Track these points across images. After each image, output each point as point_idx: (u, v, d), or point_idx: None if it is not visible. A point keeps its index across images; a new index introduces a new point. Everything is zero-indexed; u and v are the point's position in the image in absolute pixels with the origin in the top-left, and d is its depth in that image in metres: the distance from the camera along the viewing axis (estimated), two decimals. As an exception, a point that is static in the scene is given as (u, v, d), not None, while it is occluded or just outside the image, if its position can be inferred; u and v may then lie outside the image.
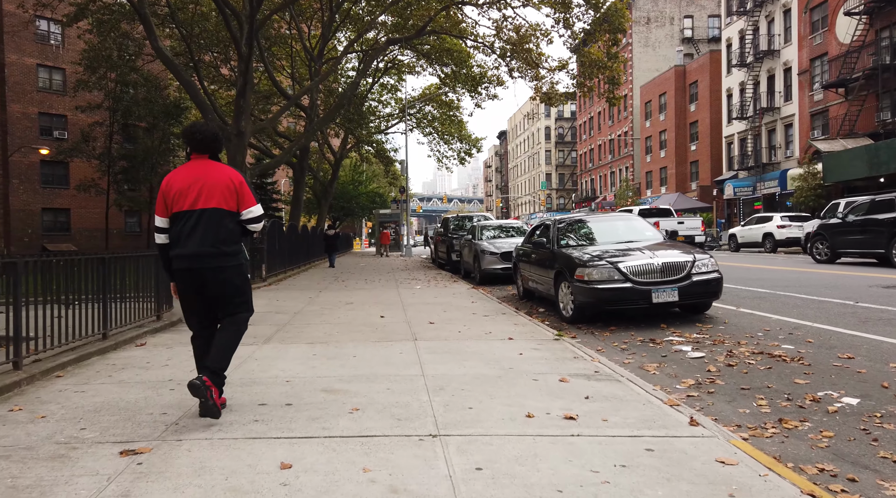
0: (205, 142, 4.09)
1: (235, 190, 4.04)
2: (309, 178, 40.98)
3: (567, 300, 8.71)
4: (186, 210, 3.95)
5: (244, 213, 4.08)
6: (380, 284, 15.04)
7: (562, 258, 8.97)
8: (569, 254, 8.84)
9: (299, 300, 11.28)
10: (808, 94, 34.00)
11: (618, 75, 22.18)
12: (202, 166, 4.04)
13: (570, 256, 8.73)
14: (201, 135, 4.09)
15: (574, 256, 8.63)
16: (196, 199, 3.95)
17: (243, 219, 4.09)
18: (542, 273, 9.81)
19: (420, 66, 33.01)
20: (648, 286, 7.86)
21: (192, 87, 16.84)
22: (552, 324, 8.64)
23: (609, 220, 10.32)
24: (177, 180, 4.00)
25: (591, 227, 10.02)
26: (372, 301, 11.00)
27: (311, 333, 7.56)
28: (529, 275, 10.78)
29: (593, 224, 10.18)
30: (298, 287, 14.29)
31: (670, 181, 50.82)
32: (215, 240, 3.95)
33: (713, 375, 5.44)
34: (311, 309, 9.93)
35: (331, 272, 20.24)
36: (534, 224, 11.80)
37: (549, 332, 7.42)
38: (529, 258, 10.74)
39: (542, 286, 9.89)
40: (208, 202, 3.95)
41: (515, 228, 18.32)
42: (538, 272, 10.11)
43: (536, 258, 10.25)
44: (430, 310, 9.63)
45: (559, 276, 8.96)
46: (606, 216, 10.54)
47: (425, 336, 7.16)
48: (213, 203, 3.96)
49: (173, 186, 3.98)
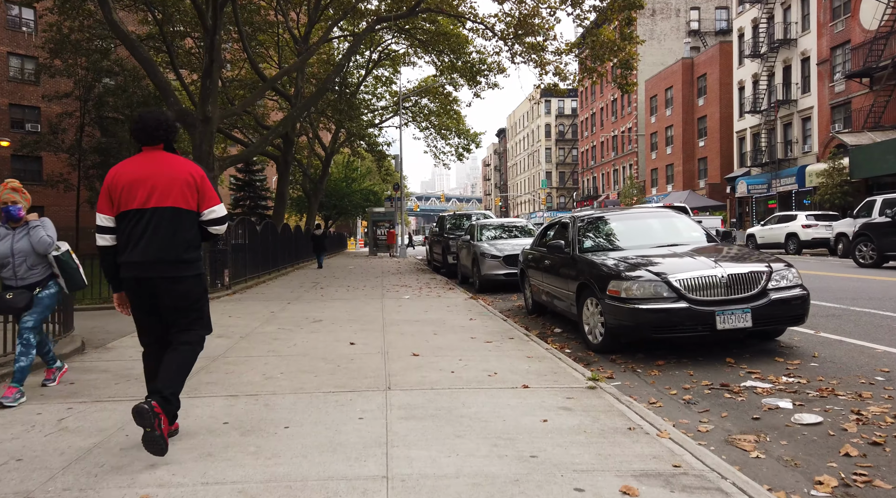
0: (148, 130, 3.53)
1: (196, 186, 3.57)
2: (298, 175, 38.94)
3: (594, 322, 6.63)
4: (137, 209, 3.46)
5: (206, 213, 3.61)
6: (363, 291, 12.94)
7: (587, 267, 6.87)
8: (598, 261, 6.76)
9: (257, 316, 9.17)
10: (828, 86, 31.93)
11: (632, 59, 20.11)
12: (156, 159, 3.54)
13: (599, 265, 6.64)
14: (143, 123, 3.53)
15: (605, 265, 6.54)
16: (149, 197, 3.45)
17: (204, 220, 3.61)
18: (560, 284, 7.72)
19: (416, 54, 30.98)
20: (711, 307, 5.77)
21: (150, 65, 14.72)
22: (575, 352, 6.56)
23: (642, 217, 8.22)
24: (125, 173, 3.50)
25: (621, 226, 7.93)
26: (346, 317, 8.90)
27: (243, 374, 5.44)
28: (541, 285, 8.69)
29: (624, 222, 8.08)
30: (266, 297, 12.18)
31: (677, 179, 48.76)
32: (172, 244, 3.47)
33: (859, 466, 3.36)
34: (265, 330, 7.82)
35: (313, 276, 18.15)
36: (546, 222, 9.70)
37: (576, 371, 5.33)
38: (541, 265, 8.65)
39: (560, 301, 7.81)
40: (163, 200, 3.46)
41: (519, 228, 16.23)
42: (554, 283, 8.02)
43: (551, 265, 8.16)
44: (417, 332, 7.53)
45: (584, 289, 6.88)
46: (638, 212, 8.45)
47: (404, 381, 5.05)
48: (170, 201, 3.47)
49: (121, 180, 3.48)
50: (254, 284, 14.82)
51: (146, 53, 15.00)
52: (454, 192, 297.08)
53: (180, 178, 3.52)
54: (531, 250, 9.62)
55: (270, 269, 17.78)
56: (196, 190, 3.57)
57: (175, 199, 3.49)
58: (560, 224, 8.62)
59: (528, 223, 16.76)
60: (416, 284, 14.54)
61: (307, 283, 15.68)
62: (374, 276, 18.02)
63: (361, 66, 33.26)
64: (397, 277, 17.37)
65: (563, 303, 7.67)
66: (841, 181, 26.96)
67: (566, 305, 7.54)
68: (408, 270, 20.37)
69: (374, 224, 38.55)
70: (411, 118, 38.13)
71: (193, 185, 3.56)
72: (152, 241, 3.43)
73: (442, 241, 19.56)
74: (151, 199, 3.45)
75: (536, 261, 9.08)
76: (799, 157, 34.34)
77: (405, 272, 19.43)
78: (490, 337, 7.09)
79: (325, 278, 17.11)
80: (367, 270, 21.45)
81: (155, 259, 3.43)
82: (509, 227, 16.22)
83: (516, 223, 16.64)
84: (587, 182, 71.94)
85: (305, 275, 19.05)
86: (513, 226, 16.39)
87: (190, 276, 3.53)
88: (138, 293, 3.51)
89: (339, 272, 19.98)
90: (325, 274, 19.13)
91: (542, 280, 8.61)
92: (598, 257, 6.91)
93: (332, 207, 44.78)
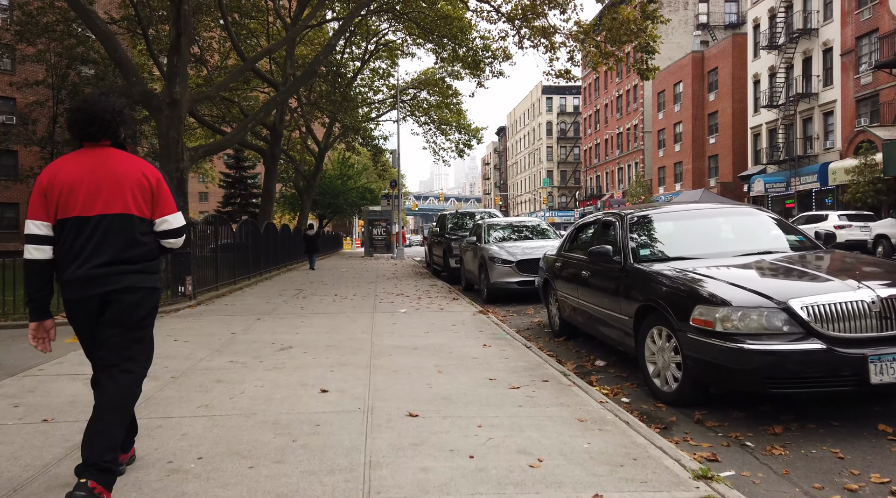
0: (90, 122, 2.89)
1: (151, 190, 2.97)
2: (291, 172, 36.94)
3: (664, 361, 4.69)
4: (79, 216, 2.85)
5: (158, 221, 3.00)
6: (351, 302, 10.99)
7: (653, 283, 4.93)
8: (670, 275, 4.82)
9: (211, 340, 7.19)
10: (852, 78, 30.01)
11: (653, 41, 18.19)
12: (101, 157, 2.92)
13: (673, 281, 4.70)
14: (83, 113, 2.90)
15: (684, 281, 4.60)
16: (94, 202, 2.86)
17: (158, 231, 3.01)
18: (606, 304, 5.78)
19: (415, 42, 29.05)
20: (859, 348, 3.83)
21: (108, 39, 12.75)
22: (636, 403, 4.65)
23: (710, 214, 6.25)
24: (64, 174, 2.88)
25: (687, 228, 5.97)
26: (325, 342, 6.94)
27: (139, 462, 3.48)
28: (575, 301, 6.75)
29: (688, 222, 6.11)
30: (235, 310, 10.21)
31: (686, 177, 46.83)
32: (124, 258, 2.89)
33: None
34: (210, 366, 5.85)
35: (299, 280, 16.20)
36: (577, 221, 7.73)
37: (666, 455, 3.37)
38: (575, 276, 6.71)
39: (606, 327, 5.86)
40: (112, 206, 2.88)
41: (531, 228, 14.27)
42: (595, 301, 6.08)
43: (591, 277, 6.21)
44: (416, 368, 5.58)
45: (647, 315, 4.94)
46: (703, 209, 6.47)
47: (394, 483, 3.08)
48: (119, 207, 2.89)
49: (59, 181, 2.86)
50: (227, 291, 12.85)
51: (104, 26, 13.02)
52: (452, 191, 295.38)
53: (132, 180, 2.96)
54: (559, 256, 7.67)
55: (251, 273, 15.82)
56: (150, 193, 2.99)
57: (126, 204, 2.93)
58: (601, 224, 6.66)
59: (541, 222, 14.79)
60: (413, 293, 12.59)
61: (290, 289, 13.71)
62: (367, 281, 16.06)
63: (357, 58, 31.38)
64: (393, 282, 15.41)
65: (611, 329, 5.72)
66: (873, 178, 25.04)
67: (617, 334, 5.59)
68: (405, 274, 18.41)
69: (371, 223, 36.59)
70: (410, 112, 36.22)
71: (147, 188, 2.98)
72: (100, 253, 2.87)
73: (443, 242, 17.61)
74: (97, 205, 2.89)
75: (567, 270, 7.13)
76: (820, 154, 32.43)
77: (402, 276, 17.47)
78: (516, 378, 5.14)
79: (312, 284, 15.14)
80: (360, 273, 19.48)
81: (104, 274, 2.87)
82: (519, 227, 14.28)
83: (528, 222, 14.68)
84: (590, 181, 70.00)
85: (291, 279, 17.08)
86: (523, 226, 14.45)
87: (145, 287, 2.97)
88: (83, 314, 2.92)
89: (330, 276, 18.02)
90: (313, 278, 17.16)
91: (577, 296, 6.66)
92: (668, 270, 4.96)
93: (327, 206, 42.80)
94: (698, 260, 5.18)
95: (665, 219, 6.07)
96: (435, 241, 19.49)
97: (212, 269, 12.57)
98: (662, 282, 4.82)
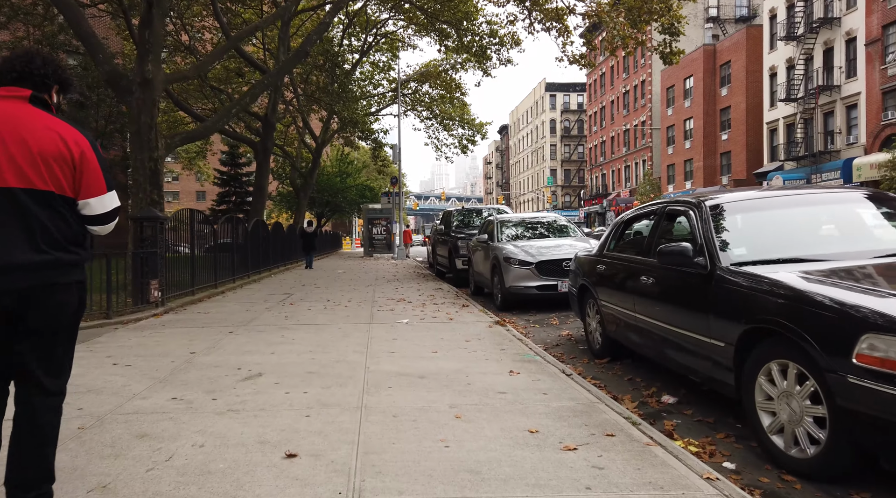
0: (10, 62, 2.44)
1: (72, 162, 2.39)
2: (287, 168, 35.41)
3: (794, 415, 3.18)
4: None
5: (82, 204, 2.44)
6: (345, 311, 9.46)
7: (769, 297, 3.40)
8: (807, 289, 3.26)
9: (160, 363, 5.64)
10: (878, 68, 28.46)
11: (677, 22, 16.69)
12: (15, 116, 2.34)
13: (819, 295, 3.15)
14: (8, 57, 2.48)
15: (838, 296, 3.06)
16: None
17: (83, 214, 2.45)
18: (679, 321, 4.26)
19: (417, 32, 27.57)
20: None
21: (70, 10, 11.22)
22: (754, 479, 3.11)
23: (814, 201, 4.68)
24: None
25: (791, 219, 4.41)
26: (306, 367, 5.40)
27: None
28: (628, 315, 5.22)
29: (799, 210, 4.49)
30: (207, 319, 8.67)
31: (697, 175, 45.29)
32: (39, 242, 2.32)
33: None
34: (144, 407, 4.30)
35: (291, 282, 14.68)
36: (626, 213, 6.17)
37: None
38: (629, 284, 5.18)
39: (682, 353, 4.32)
40: (22, 178, 2.30)
41: (547, 225, 12.73)
42: (663, 317, 4.56)
43: (653, 286, 4.69)
44: (423, 411, 4.05)
45: (758, 343, 3.41)
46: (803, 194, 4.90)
47: None
48: (34, 180, 2.31)
49: None
50: (205, 296, 11.31)
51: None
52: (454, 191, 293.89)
53: (50, 147, 2.34)
54: (600, 258, 6.13)
55: (236, 274, 14.29)
56: (72, 168, 2.37)
57: (40, 177, 2.31)
58: (662, 215, 5.11)
59: (559, 218, 13.24)
60: (417, 298, 11.06)
61: (278, 294, 12.19)
62: (364, 283, 14.53)
63: (356, 51, 29.90)
64: (393, 285, 13.88)
65: (691, 357, 4.19)
66: (906, 174, 23.53)
67: (702, 364, 4.05)
68: (406, 276, 16.88)
69: (370, 222, 35.07)
70: (411, 107, 34.72)
71: (69, 160, 2.36)
72: (7, 238, 2.26)
73: (448, 241, 16.08)
74: (3, 176, 2.26)
75: (614, 275, 5.61)
76: (842, 150, 30.88)
77: (403, 279, 15.95)
78: (566, 428, 3.61)
79: (304, 287, 13.61)
80: (358, 274, 17.96)
81: (14, 264, 2.24)
82: (533, 224, 12.74)
83: (544, 218, 13.14)
84: (595, 179, 68.45)
85: (282, 281, 15.56)
86: (537, 222, 12.90)
87: (69, 282, 2.41)
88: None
89: (324, 278, 16.49)
90: (306, 280, 15.63)
91: (631, 308, 5.13)
92: (794, 277, 3.42)
93: (325, 204, 41.26)
94: (825, 263, 3.66)
95: (762, 207, 4.51)
96: (439, 239, 17.96)
97: (187, 270, 11.04)
98: (788, 295, 3.28)
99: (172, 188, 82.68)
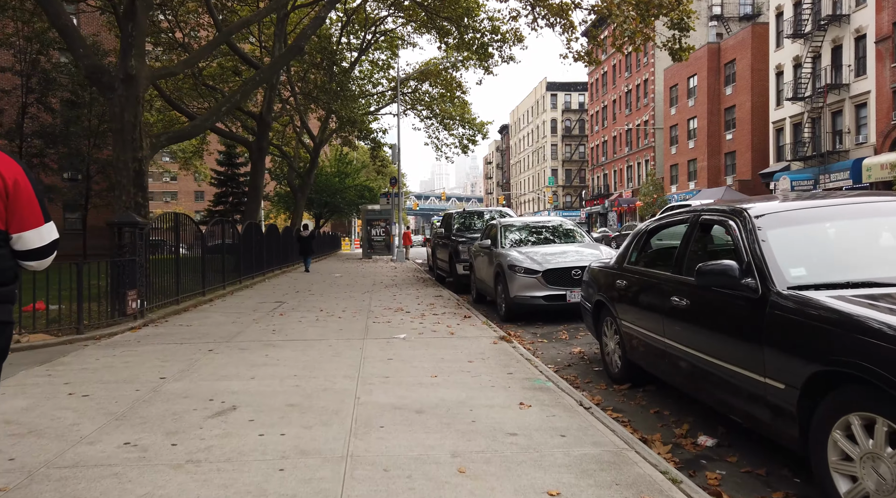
0: None
1: (5, 191, 2.16)
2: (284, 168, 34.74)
3: (887, 483, 2.49)
4: None
5: (16, 238, 2.22)
6: (338, 323, 8.80)
7: (850, 332, 2.73)
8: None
9: (124, 393, 4.98)
10: (889, 66, 27.79)
11: (687, 17, 16.07)
12: None
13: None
14: None
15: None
16: None
17: (16, 249, 2.25)
18: (721, 353, 3.61)
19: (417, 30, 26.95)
20: None
21: (50, 4, 10.57)
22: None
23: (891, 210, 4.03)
24: None
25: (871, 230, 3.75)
26: (285, 399, 4.74)
27: None
28: (655, 339, 4.57)
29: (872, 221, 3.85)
30: (188, 334, 8.02)
31: (701, 175, 44.59)
32: None
33: None
34: (80, 460, 3.62)
35: (285, 287, 14.03)
36: (649, 221, 5.50)
37: None
38: (658, 303, 4.53)
39: (724, 390, 3.66)
40: None
41: (553, 229, 12.07)
42: (701, 346, 3.90)
43: (689, 308, 4.03)
44: (421, 461, 3.39)
45: (834, 390, 2.75)
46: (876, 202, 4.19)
47: None
48: None
49: None
50: (191, 305, 10.66)
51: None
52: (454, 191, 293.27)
53: None
54: (620, 271, 5.48)
55: (226, 280, 13.63)
56: (4, 198, 2.14)
57: None
58: (696, 226, 4.44)
59: (565, 222, 12.58)
60: (415, 307, 10.41)
61: (269, 301, 11.54)
62: (361, 289, 13.88)
63: (355, 49, 29.27)
64: (391, 291, 13.23)
65: (737, 397, 3.53)
66: (921, 175, 22.85)
67: (755, 408, 3.38)
68: (406, 281, 16.23)
69: (369, 223, 34.38)
70: (410, 106, 34.06)
71: (1, 190, 2.13)
72: None
73: (449, 245, 15.42)
74: None
75: (638, 292, 4.96)
76: (851, 149, 30.21)
77: (402, 284, 15.29)
78: (594, 493, 2.96)
79: (297, 294, 12.96)
80: (355, 278, 17.30)
81: None
82: (540, 229, 12.08)
83: (549, 223, 12.47)
84: (597, 179, 67.75)
85: (276, 287, 14.90)
86: (544, 227, 12.24)
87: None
88: None
89: (321, 283, 15.83)
90: (300, 286, 14.97)
91: (660, 332, 4.47)
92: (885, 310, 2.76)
93: (324, 205, 40.61)
94: (910, 288, 3.00)
95: (816, 218, 3.83)
96: (439, 243, 17.29)
97: (172, 277, 10.39)
98: (878, 332, 2.62)
99: (171, 188, 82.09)
